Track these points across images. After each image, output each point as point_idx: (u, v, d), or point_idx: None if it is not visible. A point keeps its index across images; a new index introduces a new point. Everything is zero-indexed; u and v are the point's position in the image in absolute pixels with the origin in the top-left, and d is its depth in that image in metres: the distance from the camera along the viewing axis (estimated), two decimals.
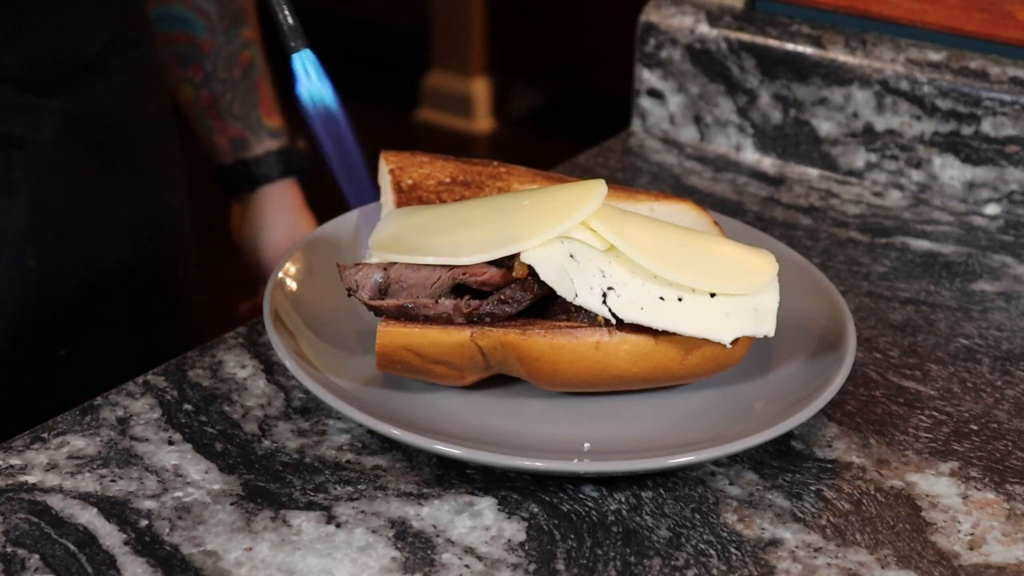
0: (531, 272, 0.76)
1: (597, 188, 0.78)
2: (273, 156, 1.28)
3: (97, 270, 1.07)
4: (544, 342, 0.76)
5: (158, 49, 1.18)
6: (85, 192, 1.06)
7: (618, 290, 0.76)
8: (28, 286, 1.02)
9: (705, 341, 0.77)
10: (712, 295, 0.77)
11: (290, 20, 0.81)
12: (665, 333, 0.77)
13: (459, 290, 0.78)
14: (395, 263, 0.78)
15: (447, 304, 0.76)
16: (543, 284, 0.77)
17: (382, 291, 0.78)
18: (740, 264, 0.78)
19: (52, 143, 1.01)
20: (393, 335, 0.76)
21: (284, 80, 1.34)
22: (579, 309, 0.78)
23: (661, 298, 0.76)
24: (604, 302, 0.76)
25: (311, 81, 0.82)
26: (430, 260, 0.77)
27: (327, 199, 1.29)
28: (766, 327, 0.78)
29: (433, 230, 0.79)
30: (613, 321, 0.76)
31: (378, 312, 0.78)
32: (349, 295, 0.79)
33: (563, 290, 0.76)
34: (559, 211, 0.77)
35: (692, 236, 0.79)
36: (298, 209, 1.30)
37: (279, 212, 1.29)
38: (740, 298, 0.78)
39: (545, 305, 0.79)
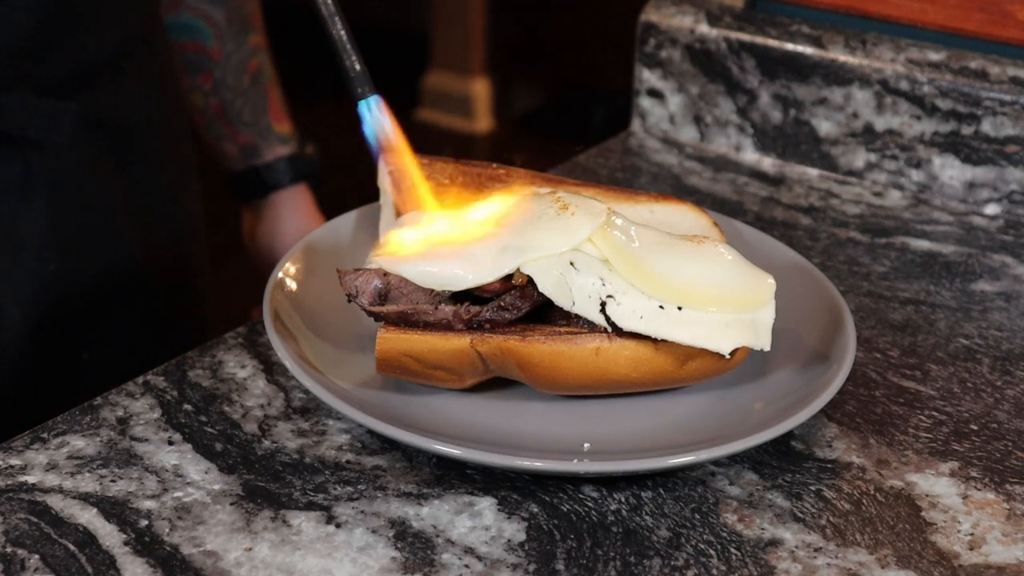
0: (530, 280, 0.76)
1: (598, 211, 0.78)
2: (284, 162, 1.29)
3: (115, 272, 1.07)
4: (544, 348, 0.76)
5: (171, 52, 1.18)
6: (102, 194, 1.06)
7: (618, 298, 0.76)
8: (48, 289, 1.02)
9: (704, 348, 0.77)
10: None
11: (357, 67, 0.83)
12: (665, 340, 0.77)
13: (458, 296, 0.78)
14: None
15: (447, 310, 0.76)
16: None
17: (382, 297, 0.78)
18: (738, 286, 0.78)
19: (69, 146, 1.02)
20: (393, 341, 0.76)
21: (291, 86, 1.35)
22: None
23: (660, 307, 0.76)
24: (603, 311, 0.76)
25: (375, 124, 0.83)
26: (433, 284, 0.77)
27: (332, 200, 1.29)
28: (763, 341, 0.78)
29: (436, 247, 0.78)
30: (610, 330, 0.76)
31: (378, 318, 0.78)
32: (349, 301, 0.79)
33: (560, 300, 0.76)
34: (561, 235, 0.76)
35: (693, 251, 0.79)
36: (310, 214, 1.30)
37: (291, 217, 1.29)
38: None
39: (546, 309, 0.79)
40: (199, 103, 1.26)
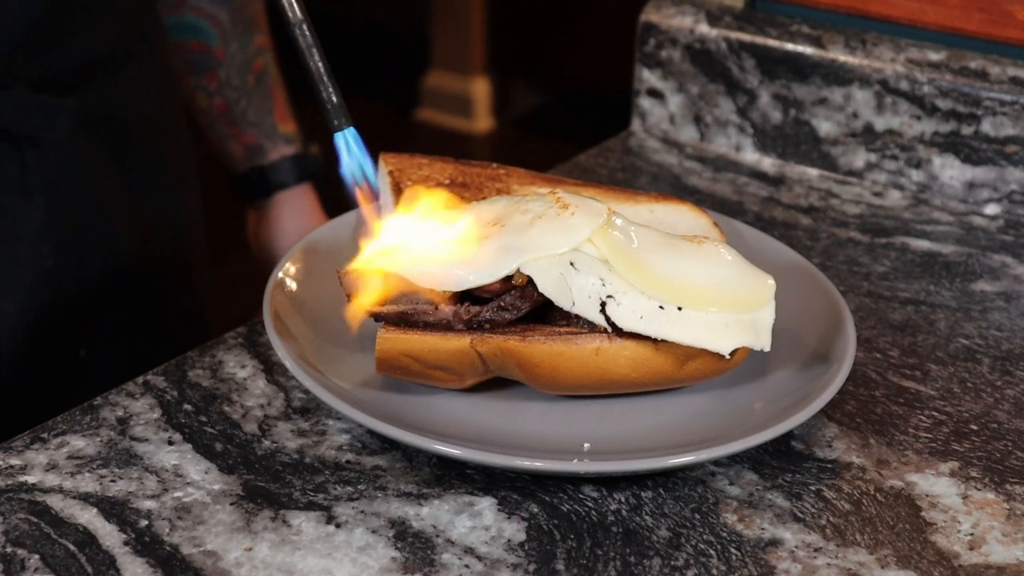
0: (530, 280, 0.77)
1: (598, 211, 0.78)
2: (288, 162, 1.29)
3: (112, 269, 1.08)
4: (544, 348, 0.76)
5: (170, 50, 1.18)
6: (100, 191, 1.06)
7: (618, 299, 0.76)
8: (45, 286, 1.02)
9: (704, 349, 0.77)
10: None
11: (334, 99, 0.82)
12: (665, 340, 0.77)
13: (458, 296, 0.78)
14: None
15: (447, 310, 0.76)
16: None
17: None
18: (738, 287, 0.78)
19: (67, 142, 1.02)
20: (393, 341, 0.76)
21: (296, 86, 1.35)
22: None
23: (660, 307, 0.76)
24: (603, 311, 0.76)
25: (353, 158, 0.82)
26: (433, 285, 0.77)
27: (332, 200, 1.29)
28: (763, 341, 0.78)
29: (435, 247, 0.78)
30: (610, 330, 0.76)
31: (378, 318, 0.78)
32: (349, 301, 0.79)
33: (560, 301, 0.76)
34: (561, 235, 0.76)
35: (693, 252, 0.79)
36: (314, 214, 1.31)
37: (296, 217, 1.30)
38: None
39: (546, 309, 0.79)
40: (203, 103, 1.26)
